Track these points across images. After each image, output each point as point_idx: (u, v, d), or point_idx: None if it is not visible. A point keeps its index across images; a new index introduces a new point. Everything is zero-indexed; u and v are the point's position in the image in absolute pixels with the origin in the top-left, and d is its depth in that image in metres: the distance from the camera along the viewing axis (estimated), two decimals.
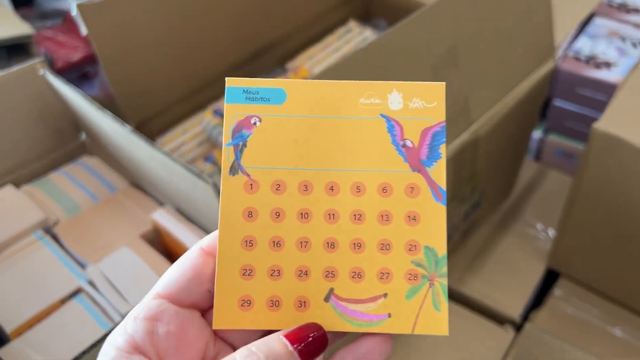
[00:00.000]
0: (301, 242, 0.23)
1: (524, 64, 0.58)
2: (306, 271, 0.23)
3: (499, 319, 0.62)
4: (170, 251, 0.56)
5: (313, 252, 0.23)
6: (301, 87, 0.24)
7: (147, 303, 0.22)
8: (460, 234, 0.65)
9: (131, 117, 0.58)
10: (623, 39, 0.87)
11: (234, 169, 0.24)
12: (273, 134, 0.24)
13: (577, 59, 0.84)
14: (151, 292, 0.23)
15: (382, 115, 0.24)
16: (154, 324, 0.22)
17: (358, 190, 0.24)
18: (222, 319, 0.23)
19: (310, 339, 0.22)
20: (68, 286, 0.52)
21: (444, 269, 0.23)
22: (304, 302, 0.23)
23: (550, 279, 0.67)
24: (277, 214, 0.24)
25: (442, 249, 0.23)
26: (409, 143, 0.24)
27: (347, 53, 0.42)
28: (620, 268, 0.60)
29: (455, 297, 0.64)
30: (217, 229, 0.24)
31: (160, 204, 0.58)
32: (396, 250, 0.23)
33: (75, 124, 0.63)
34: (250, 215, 0.24)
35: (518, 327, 0.61)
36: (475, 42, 0.52)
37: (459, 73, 0.51)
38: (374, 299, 0.23)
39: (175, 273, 0.23)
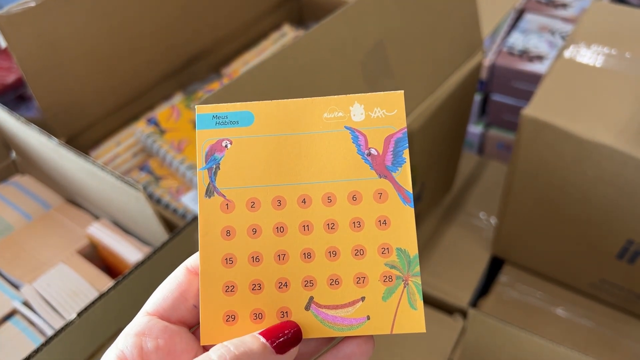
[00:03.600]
0: (279, 255, 0.24)
1: (452, 57, 0.60)
2: (286, 282, 0.24)
3: (448, 309, 0.63)
4: (108, 264, 0.55)
5: (291, 264, 0.24)
6: (268, 108, 0.25)
7: (137, 321, 0.23)
8: None
9: (61, 131, 0.57)
10: (552, 32, 0.90)
11: (210, 192, 0.25)
12: (244, 155, 0.25)
13: (511, 53, 0.87)
14: (141, 311, 0.24)
15: (346, 127, 0.25)
16: (142, 339, 0.23)
17: (329, 201, 0.25)
18: (209, 334, 0.24)
19: (284, 333, 0.23)
20: (2, 309, 0.50)
21: (417, 269, 0.24)
22: (286, 312, 0.24)
23: (497, 266, 0.68)
24: (254, 230, 0.24)
25: (413, 250, 0.24)
26: (373, 151, 0.25)
27: (275, 51, 0.42)
28: (558, 249, 0.61)
29: None
30: (152, 236, 0.24)
31: (96, 217, 0.57)
32: (370, 254, 0.24)
33: (4, 142, 0.61)
34: (228, 234, 0.24)
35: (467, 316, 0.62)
36: (402, 37, 0.53)
37: (388, 68, 0.52)
38: (352, 303, 0.24)
39: (162, 292, 0.24)
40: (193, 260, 0.25)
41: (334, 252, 0.24)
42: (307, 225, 0.25)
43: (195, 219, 0.46)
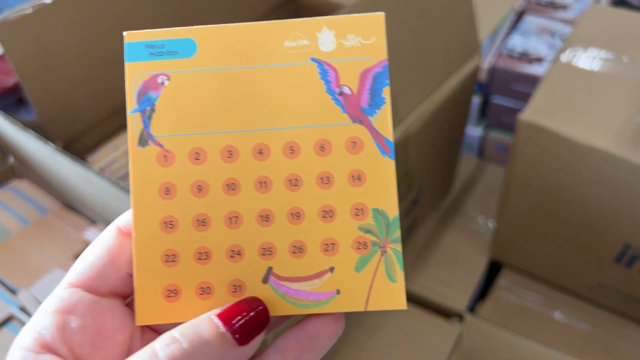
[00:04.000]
0: (230, 218, 0.20)
1: (449, 60, 0.60)
2: (239, 250, 0.20)
3: (445, 313, 0.63)
4: None
5: (245, 228, 0.20)
6: (214, 35, 0.21)
7: (58, 294, 0.19)
8: (403, 231, 0.65)
9: (59, 135, 0.57)
10: (552, 34, 0.90)
11: (143, 140, 0.20)
12: (185, 94, 0.21)
13: (511, 56, 0.87)
14: (63, 282, 0.20)
15: (313, 59, 0.21)
16: (65, 317, 0.19)
17: (292, 151, 0.21)
18: (146, 313, 0.20)
19: (248, 317, 0.19)
20: None
21: (397, 233, 0.20)
22: (239, 285, 0.20)
23: (495, 270, 0.68)
24: (199, 187, 0.20)
25: (393, 211, 0.21)
26: (346, 89, 0.21)
27: None
28: (556, 253, 0.61)
29: None
30: None
31: (93, 222, 0.57)
32: (340, 216, 0.20)
33: (1, 147, 0.61)
34: (167, 192, 0.20)
35: None
36: (398, 40, 0.53)
37: None
38: (319, 274, 0.20)
39: (87, 259, 0.20)
40: (126, 219, 0.20)
41: (298, 214, 0.20)
42: (264, 181, 0.20)
43: None
